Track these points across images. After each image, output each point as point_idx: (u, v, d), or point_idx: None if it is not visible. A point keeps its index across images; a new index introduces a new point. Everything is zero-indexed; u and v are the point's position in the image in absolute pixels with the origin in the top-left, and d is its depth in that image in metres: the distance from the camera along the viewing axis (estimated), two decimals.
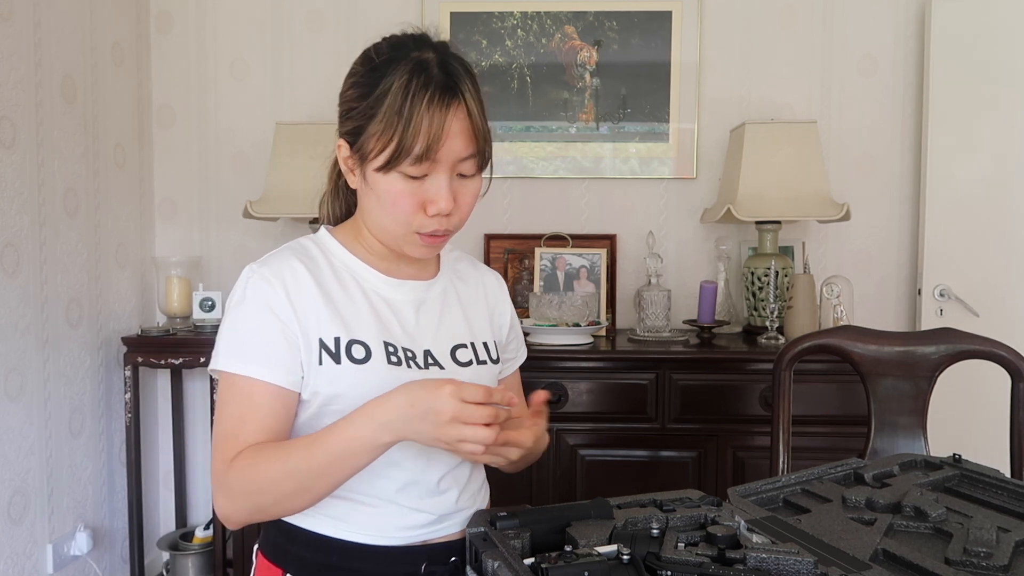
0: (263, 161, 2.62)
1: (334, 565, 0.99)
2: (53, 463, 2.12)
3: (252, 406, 0.94)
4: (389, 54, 0.96)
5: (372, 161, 0.94)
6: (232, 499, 0.92)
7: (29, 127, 2.02)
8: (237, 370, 0.94)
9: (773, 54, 2.60)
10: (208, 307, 2.42)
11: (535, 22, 2.60)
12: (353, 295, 1.01)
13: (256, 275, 0.97)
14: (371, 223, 1.01)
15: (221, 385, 0.97)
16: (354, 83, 0.97)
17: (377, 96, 0.93)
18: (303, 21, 2.65)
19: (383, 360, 0.97)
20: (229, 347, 0.96)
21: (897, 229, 2.62)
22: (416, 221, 0.97)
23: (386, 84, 0.93)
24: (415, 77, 0.92)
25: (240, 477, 0.91)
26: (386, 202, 0.96)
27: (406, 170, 0.93)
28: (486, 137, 0.97)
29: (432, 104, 0.91)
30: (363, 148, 0.95)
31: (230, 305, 0.98)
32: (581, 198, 2.65)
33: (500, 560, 0.79)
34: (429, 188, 0.95)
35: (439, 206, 0.95)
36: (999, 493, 1.03)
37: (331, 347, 0.96)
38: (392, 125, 0.91)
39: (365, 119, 0.94)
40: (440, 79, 0.92)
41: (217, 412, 0.96)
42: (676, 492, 0.98)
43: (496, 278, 1.19)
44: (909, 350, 1.54)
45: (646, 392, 2.14)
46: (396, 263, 1.06)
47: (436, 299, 1.08)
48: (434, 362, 1.02)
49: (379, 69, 0.94)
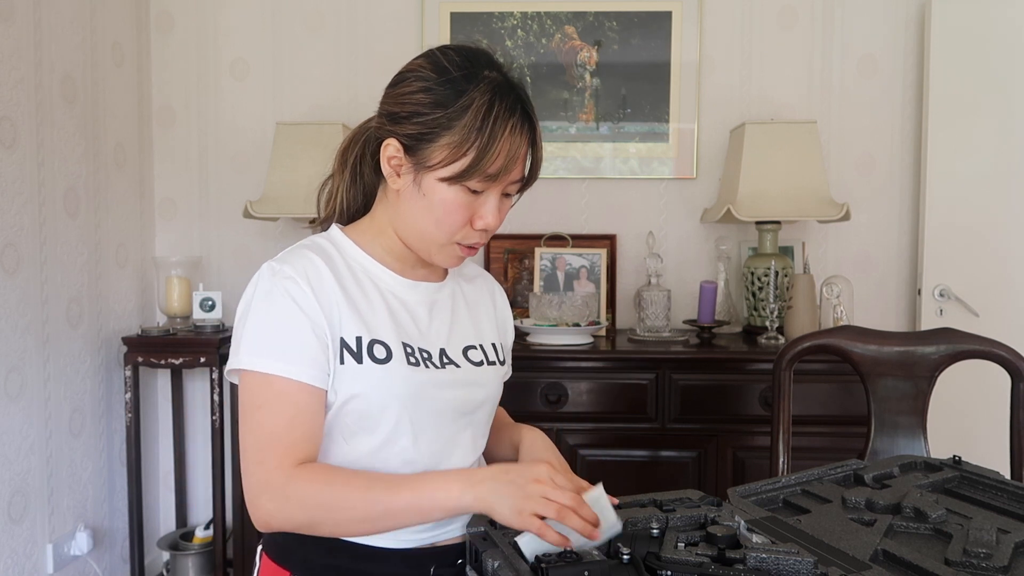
0: (263, 161, 2.62)
1: (342, 568, 0.99)
2: (53, 463, 2.12)
3: (297, 410, 0.93)
4: (464, 68, 0.96)
5: (436, 170, 0.95)
6: (286, 508, 0.91)
7: (29, 127, 2.02)
8: (271, 370, 0.92)
9: (773, 54, 2.60)
10: (208, 307, 2.42)
11: (535, 22, 2.60)
12: (370, 295, 1.01)
13: (279, 273, 0.96)
14: (407, 226, 1.01)
15: (252, 384, 0.94)
16: (426, 88, 0.96)
17: (457, 109, 0.93)
18: (303, 21, 2.65)
19: (403, 360, 0.98)
20: (259, 346, 0.94)
21: (897, 229, 2.62)
22: (461, 233, 0.99)
23: (467, 99, 0.93)
24: (499, 99, 0.94)
25: (307, 489, 0.90)
26: (439, 211, 0.97)
27: (472, 185, 0.95)
28: (540, 164, 1.02)
29: (515, 130, 0.95)
30: (426, 155, 0.95)
31: (252, 303, 0.96)
32: (581, 198, 2.65)
33: (500, 560, 0.79)
34: (482, 204, 0.98)
35: (487, 222, 0.98)
36: (999, 495, 1.03)
37: (352, 347, 0.96)
38: (470, 141, 0.93)
39: (438, 128, 0.94)
40: (521, 106, 0.96)
41: (250, 415, 0.93)
42: (676, 492, 0.99)
43: (500, 287, 1.22)
44: (909, 350, 1.54)
45: (646, 392, 2.14)
46: (411, 265, 1.06)
47: (446, 300, 1.09)
48: (449, 361, 1.03)
49: (457, 82, 0.95)
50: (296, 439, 0.92)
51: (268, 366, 0.93)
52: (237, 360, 0.95)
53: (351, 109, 2.64)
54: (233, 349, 0.96)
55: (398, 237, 1.04)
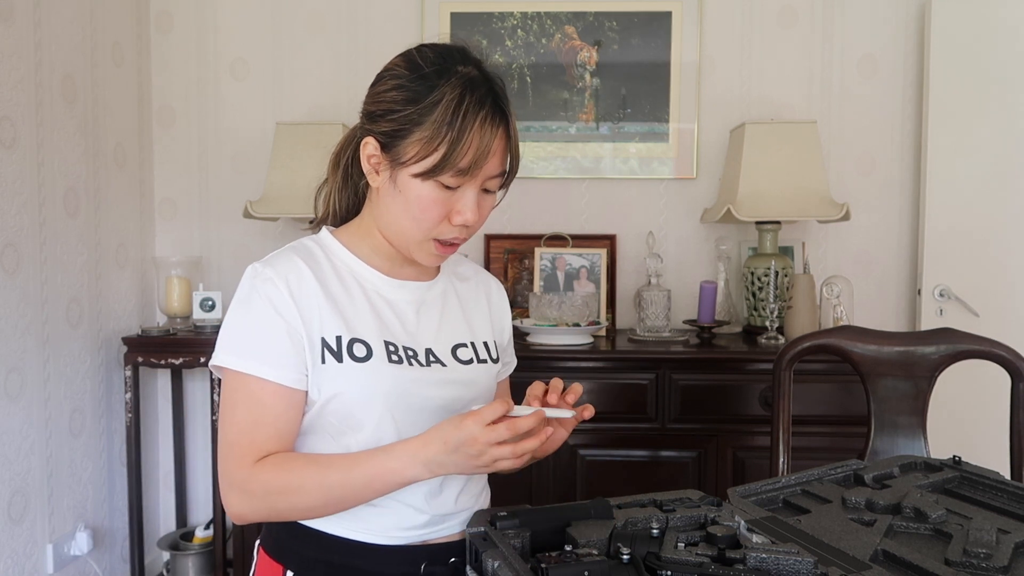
0: (263, 161, 2.62)
1: (335, 563, 1.00)
2: (53, 463, 2.12)
3: (264, 409, 0.95)
4: (437, 64, 0.96)
5: (409, 166, 0.96)
6: (250, 500, 0.95)
7: (29, 127, 2.02)
8: (245, 369, 0.95)
9: (773, 54, 2.60)
10: (208, 307, 2.42)
11: (535, 22, 2.60)
12: (354, 295, 1.02)
13: (260, 275, 0.97)
14: (387, 224, 1.02)
15: (227, 383, 0.97)
16: (399, 86, 0.97)
17: (427, 105, 0.94)
18: (303, 21, 2.65)
19: (384, 358, 0.98)
20: (235, 345, 0.96)
21: (897, 229, 2.62)
22: (438, 229, 0.99)
23: (438, 95, 0.94)
24: (469, 93, 0.94)
25: (265, 481, 0.93)
26: (414, 207, 0.97)
27: (445, 180, 0.95)
28: (518, 159, 1.02)
29: (484, 123, 0.94)
30: (400, 152, 0.96)
31: (233, 303, 0.99)
32: (581, 198, 2.65)
33: (500, 560, 0.80)
34: (459, 199, 0.98)
35: (465, 217, 0.98)
36: (999, 495, 1.03)
37: (333, 346, 0.97)
38: (440, 136, 0.93)
39: (409, 124, 0.95)
40: (492, 99, 0.96)
41: (225, 411, 0.97)
42: (676, 492, 0.99)
43: (499, 285, 1.22)
44: (909, 350, 1.54)
45: (646, 392, 2.14)
46: (399, 264, 1.07)
47: (436, 299, 1.09)
48: (435, 359, 1.04)
49: (428, 78, 0.95)
50: (261, 437, 0.95)
51: (240, 364, 0.96)
52: (216, 357, 0.98)
53: (351, 109, 2.64)
54: (217, 345, 0.99)
55: (381, 235, 1.05)
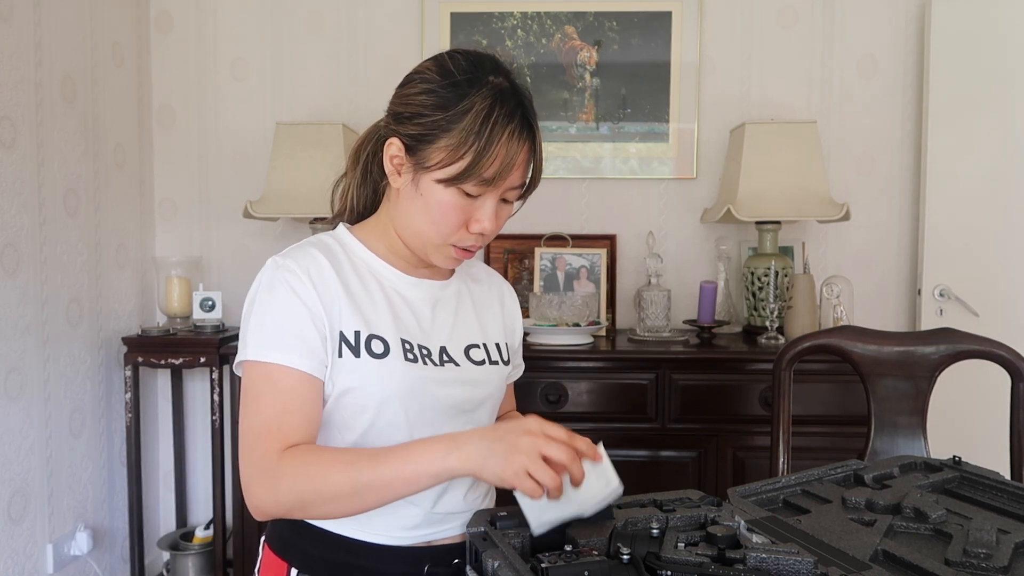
0: (263, 161, 2.62)
1: (339, 562, 1.00)
2: (53, 463, 2.12)
3: (293, 396, 0.93)
4: (469, 72, 0.97)
5: (433, 171, 0.96)
6: (276, 489, 0.90)
7: (29, 127, 2.02)
8: (274, 359, 0.94)
9: (773, 54, 2.60)
10: (208, 307, 2.42)
11: (535, 22, 2.60)
12: (372, 291, 1.02)
13: (282, 267, 0.97)
14: (405, 225, 1.02)
15: (252, 374, 0.95)
16: (429, 91, 0.97)
17: (456, 112, 0.94)
18: (303, 21, 2.65)
19: (400, 356, 0.99)
20: (262, 337, 0.95)
21: (897, 229, 2.62)
22: (456, 235, 0.99)
23: (468, 103, 0.94)
24: (499, 105, 0.94)
25: (295, 469, 0.89)
26: (435, 212, 0.97)
27: (467, 188, 0.96)
28: (540, 172, 1.02)
29: (512, 136, 0.95)
30: (425, 156, 0.96)
31: (255, 297, 0.98)
32: (581, 198, 2.65)
33: (500, 560, 0.79)
34: (478, 208, 0.98)
35: (483, 226, 0.99)
36: (999, 495, 1.03)
37: (351, 340, 0.97)
38: (467, 144, 0.93)
39: (437, 130, 0.95)
40: (521, 113, 0.96)
41: (248, 402, 0.94)
42: (676, 492, 0.98)
43: (511, 288, 1.23)
44: (909, 350, 1.54)
45: (646, 392, 2.14)
46: (414, 263, 1.07)
47: (451, 299, 1.10)
48: (449, 359, 1.04)
49: (459, 86, 0.95)
50: (290, 426, 0.93)
51: (268, 355, 0.94)
52: (243, 353, 0.96)
53: (351, 109, 2.64)
54: (240, 343, 0.97)
55: (397, 236, 1.05)
